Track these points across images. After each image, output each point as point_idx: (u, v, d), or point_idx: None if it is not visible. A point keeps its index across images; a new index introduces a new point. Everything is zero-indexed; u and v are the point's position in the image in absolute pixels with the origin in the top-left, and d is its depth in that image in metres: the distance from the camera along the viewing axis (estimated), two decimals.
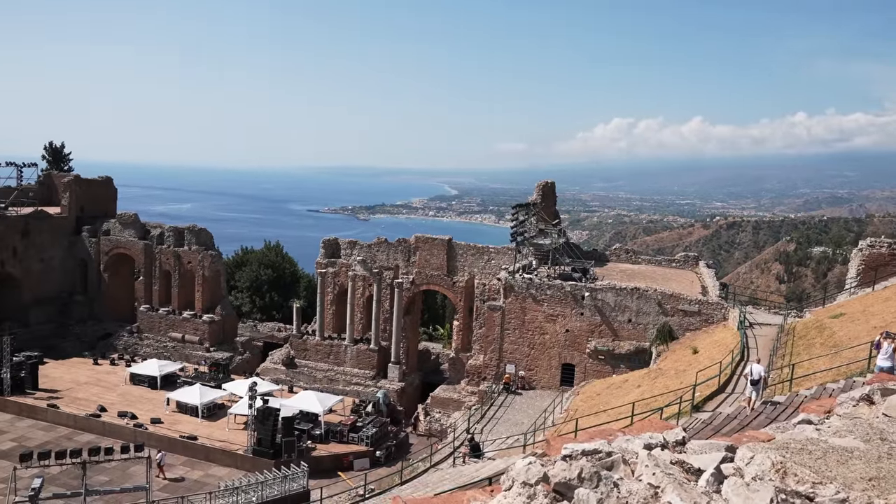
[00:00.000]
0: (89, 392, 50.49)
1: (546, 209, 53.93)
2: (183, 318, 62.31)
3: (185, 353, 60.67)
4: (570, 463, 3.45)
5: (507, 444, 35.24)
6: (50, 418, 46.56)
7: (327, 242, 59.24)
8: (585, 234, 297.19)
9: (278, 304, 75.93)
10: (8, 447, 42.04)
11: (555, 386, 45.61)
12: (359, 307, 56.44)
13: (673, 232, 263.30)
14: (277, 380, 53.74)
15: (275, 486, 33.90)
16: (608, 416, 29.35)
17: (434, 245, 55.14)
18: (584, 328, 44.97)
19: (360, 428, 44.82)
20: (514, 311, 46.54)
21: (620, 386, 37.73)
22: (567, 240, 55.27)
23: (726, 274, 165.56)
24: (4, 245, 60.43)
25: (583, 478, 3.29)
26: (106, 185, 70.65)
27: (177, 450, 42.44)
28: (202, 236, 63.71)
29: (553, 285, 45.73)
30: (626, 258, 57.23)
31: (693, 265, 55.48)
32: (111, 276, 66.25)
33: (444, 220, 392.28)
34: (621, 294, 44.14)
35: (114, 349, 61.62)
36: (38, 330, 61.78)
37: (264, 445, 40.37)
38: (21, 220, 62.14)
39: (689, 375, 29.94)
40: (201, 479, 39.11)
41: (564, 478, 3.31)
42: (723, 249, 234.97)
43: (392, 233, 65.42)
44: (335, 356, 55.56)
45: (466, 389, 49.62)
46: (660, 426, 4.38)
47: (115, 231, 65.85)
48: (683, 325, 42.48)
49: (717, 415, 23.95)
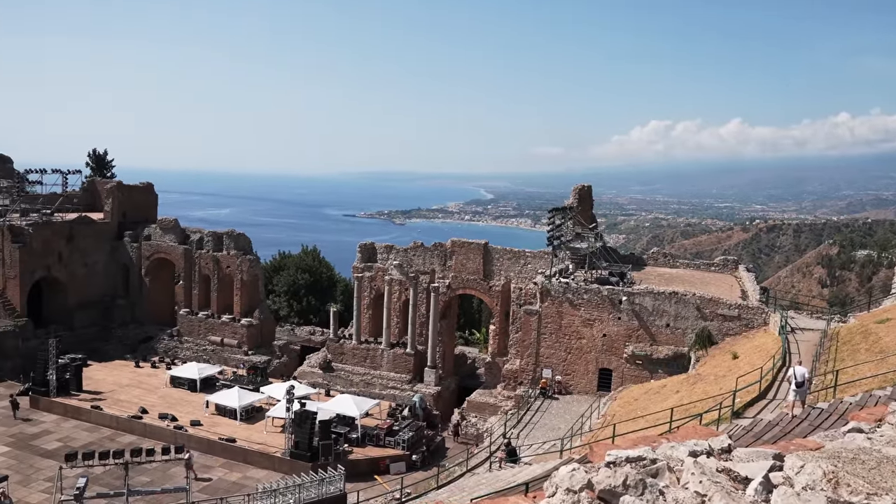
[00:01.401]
0: (131, 394, 51.41)
1: (583, 213, 53.56)
2: (222, 322, 63.11)
3: (224, 356, 61.43)
4: (614, 470, 3.39)
5: (544, 449, 34.99)
6: (94, 419, 47.51)
7: (364, 247, 59.55)
8: (622, 237, 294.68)
9: (315, 308, 76.52)
10: (54, 447, 43.01)
11: (592, 391, 45.22)
12: (395, 311, 56.61)
13: (711, 235, 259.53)
14: (314, 383, 54.12)
15: (312, 489, 34.10)
16: (646, 422, 28.98)
17: (470, 249, 55.10)
18: (622, 333, 44.52)
19: (396, 432, 44.92)
20: (550, 316, 46.26)
21: (658, 391, 37.26)
22: (604, 244, 54.81)
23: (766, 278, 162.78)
24: (50, 250, 61.88)
25: (628, 485, 3.23)
26: (147, 190, 71.97)
27: (216, 452, 42.99)
28: (240, 241, 64.49)
29: (590, 289, 45.36)
30: (664, 262, 56.55)
31: (732, 269, 54.60)
32: (152, 281, 67.41)
33: (479, 224, 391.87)
34: (659, 298, 43.61)
35: (155, 352, 62.67)
36: (82, 333, 63.15)
37: (302, 448, 40.66)
38: (66, 225, 63.57)
39: (729, 381, 29.45)
40: (239, 481, 39.54)
41: (609, 485, 3.25)
42: (763, 253, 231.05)
43: (428, 237, 65.55)
44: (372, 360, 55.78)
45: (503, 394, 49.44)
46: (704, 433, 4.29)
47: (155, 236, 67.01)
48: (723, 330, 41.82)
49: (758, 421, 23.49)
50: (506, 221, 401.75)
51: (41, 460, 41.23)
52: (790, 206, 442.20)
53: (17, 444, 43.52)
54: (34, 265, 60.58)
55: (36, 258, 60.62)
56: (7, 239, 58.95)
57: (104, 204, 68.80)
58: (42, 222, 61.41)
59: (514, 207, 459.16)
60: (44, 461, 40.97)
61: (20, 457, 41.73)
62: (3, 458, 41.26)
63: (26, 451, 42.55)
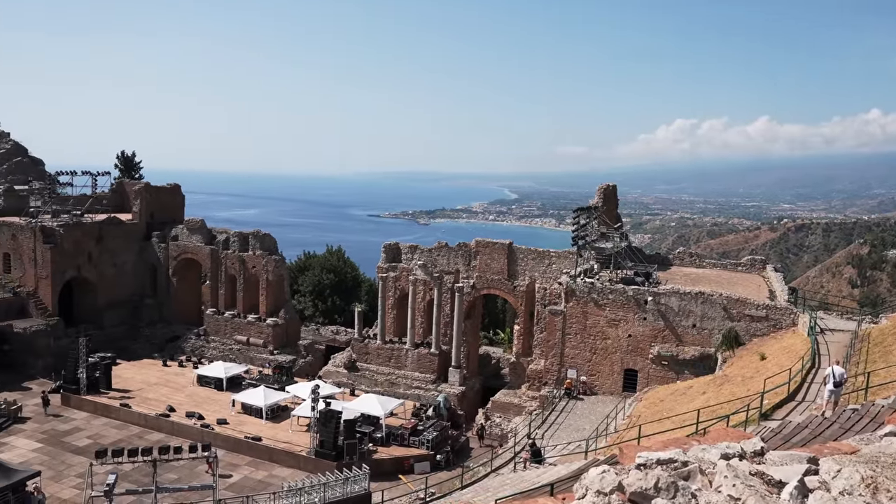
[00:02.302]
0: (159, 392, 52.03)
1: (608, 212, 53.25)
2: (248, 322, 63.62)
3: (250, 355, 61.93)
4: (645, 472, 3.36)
5: (569, 450, 34.85)
6: (122, 417, 48.18)
7: (388, 247, 59.70)
8: (648, 237, 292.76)
9: (340, 308, 76.83)
10: (84, 444, 43.70)
11: (617, 391, 44.95)
12: (419, 311, 56.68)
13: (738, 235, 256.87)
14: (339, 383, 54.36)
15: (337, 488, 34.26)
16: (672, 423, 28.73)
17: (494, 249, 55.01)
18: (647, 333, 44.19)
19: (420, 431, 44.99)
20: (575, 316, 46.05)
21: (685, 392, 36.93)
22: (629, 243, 54.44)
23: (795, 278, 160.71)
24: (81, 251, 62.80)
25: (659, 488, 3.20)
26: (174, 192, 72.74)
27: (241, 450, 43.37)
28: (266, 241, 64.95)
29: (615, 289, 45.09)
30: (690, 262, 56.04)
31: (760, 269, 53.97)
32: (179, 281, 68.13)
33: (504, 223, 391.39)
34: (685, 298, 43.22)
35: (182, 351, 63.36)
36: (111, 332, 64.03)
37: (326, 447, 40.89)
38: (96, 226, 64.48)
39: (757, 382, 29.11)
40: (265, 480, 39.85)
41: (640, 487, 3.22)
42: (791, 253, 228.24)
43: (452, 237, 65.56)
44: (396, 360, 55.91)
45: (527, 394, 49.31)
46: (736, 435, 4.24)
47: (182, 236, 67.72)
48: (750, 331, 41.33)
49: (787, 423, 23.17)
50: (530, 221, 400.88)
51: (72, 457, 41.93)
52: (819, 205, 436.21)
53: (49, 441, 44.31)
54: (65, 265, 61.53)
55: (67, 258, 61.57)
56: (39, 240, 59.94)
57: (132, 205, 69.67)
58: (72, 223, 62.34)
59: (539, 207, 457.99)
60: (75, 457, 41.66)
61: (52, 453, 42.48)
62: (35, 454, 42.03)
63: (58, 448, 43.31)
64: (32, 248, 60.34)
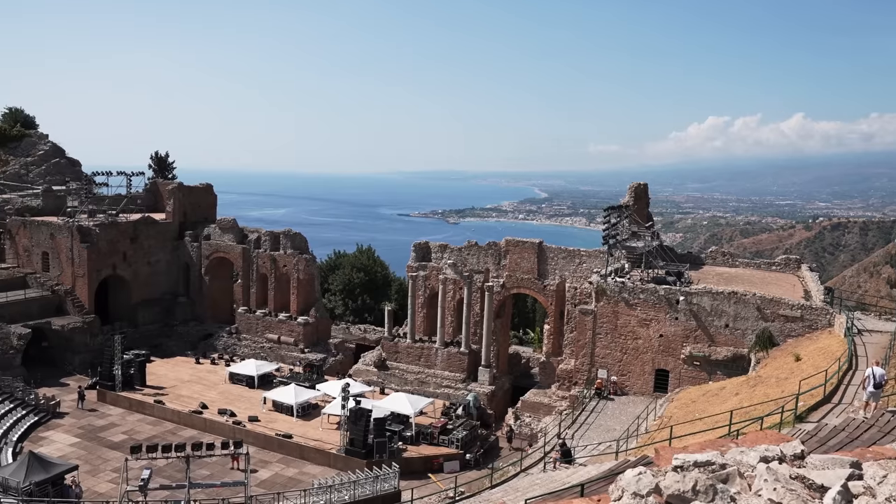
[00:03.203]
0: (192, 389, 52.70)
1: (638, 211, 52.78)
2: (279, 320, 64.15)
3: (281, 353, 62.44)
4: (682, 474, 3.31)
5: (599, 450, 34.62)
6: (156, 413, 48.92)
7: (418, 246, 59.79)
8: (679, 236, 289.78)
9: (370, 306, 77.17)
10: (119, 439, 44.47)
11: (648, 392, 44.55)
12: (449, 310, 56.70)
13: (772, 234, 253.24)
14: (369, 381, 54.59)
15: (366, 486, 34.45)
16: (704, 425, 28.40)
17: (524, 248, 54.83)
18: (679, 333, 43.73)
19: (450, 430, 45.02)
20: (606, 316, 45.73)
21: (717, 393, 36.47)
22: (660, 242, 53.90)
23: (831, 278, 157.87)
24: (116, 250, 63.83)
25: (697, 490, 3.15)
26: (206, 191, 73.56)
27: (272, 447, 43.78)
28: (297, 240, 65.42)
29: (646, 289, 44.68)
30: (723, 261, 55.32)
31: (794, 269, 53.12)
32: (211, 279, 68.90)
33: (533, 223, 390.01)
34: (718, 298, 42.69)
35: (214, 349, 64.10)
36: (145, 330, 65.03)
37: (356, 445, 41.10)
38: (130, 225, 65.49)
39: (792, 384, 28.66)
40: (295, 477, 40.18)
41: (678, 490, 3.17)
42: (827, 252, 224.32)
43: (482, 236, 65.46)
44: (426, 359, 55.99)
45: (557, 394, 49.09)
46: (775, 438, 4.16)
47: (215, 236, 68.47)
48: (785, 331, 40.69)
49: (823, 426, 22.77)
50: (560, 220, 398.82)
51: (108, 451, 42.70)
52: (856, 204, 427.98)
53: (86, 436, 45.17)
54: (101, 264, 62.58)
55: (102, 257, 62.62)
56: (76, 239, 61.04)
57: (166, 204, 70.64)
58: (108, 223, 63.39)
59: (569, 206, 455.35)
60: (111, 452, 42.42)
61: (89, 448, 43.32)
62: (73, 449, 42.90)
63: (94, 443, 44.14)
64: (70, 247, 61.47)
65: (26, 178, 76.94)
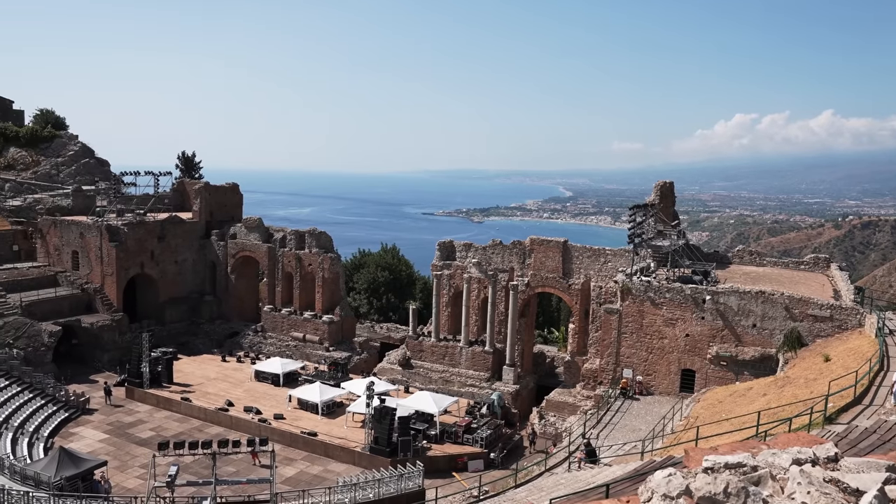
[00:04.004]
0: (218, 387, 53.19)
1: (664, 210, 52.36)
2: (304, 319, 64.52)
3: (306, 352, 62.80)
4: (713, 476, 3.26)
5: (625, 450, 34.41)
6: (183, 410, 49.43)
7: (442, 245, 59.82)
8: (705, 235, 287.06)
9: (395, 305, 77.37)
10: (147, 436, 45.02)
11: (674, 392, 44.19)
12: (474, 309, 56.67)
13: (801, 233, 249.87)
14: (394, 380, 54.73)
15: (391, 484, 34.50)
16: (731, 425, 28.11)
17: (549, 247, 54.64)
18: (705, 333, 43.31)
19: (474, 429, 44.99)
20: (631, 315, 45.43)
21: (744, 394, 36.08)
22: (686, 241, 53.44)
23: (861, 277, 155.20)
24: (144, 248, 64.63)
25: (729, 493, 3.10)
26: (232, 191, 74.18)
27: (297, 445, 44.05)
28: (322, 239, 65.74)
29: (672, 288, 44.32)
30: (750, 260, 54.71)
31: (824, 268, 52.38)
32: (237, 278, 69.48)
33: (558, 221, 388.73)
34: (745, 298, 42.21)
35: (240, 347, 64.63)
36: (172, 328, 65.79)
37: (381, 444, 41.22)
38: (158, 225, 66.25)
39: (821, 385, 28.28)
40: (320, 475, 40.40)
41: (709, 492, 3.13)
42: (857, 251, 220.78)
43: (506, 235, 65.30)
44: (450, 357, 56.01)
45: (582, 394, 48.87)
46: (807, 440, 4.09)
47: (241, 235, 69.02)
48: (813, 332, 40.14)
49: (854, 428, 22.42)
50: (585, 219, 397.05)
51: (136, 448, 43.24)
52: (888, 202, 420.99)
53: (114, 432, 45.78)
54: (129, 263, 63.39)
55: (131, 256, 63.43)
56: (105, 238, 61.87)
57: (193, 204, 71.35)
58: (136, 222, 64.17)
59: (594, 205, 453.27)
60: (139, 449, 42.95)
61: (118, 444, 43.90)
62: (102, 445, 43.50)
63: (123, 439, 44.72)
64: (99, 246, 62.32)
65: (57, 179, 78.20)
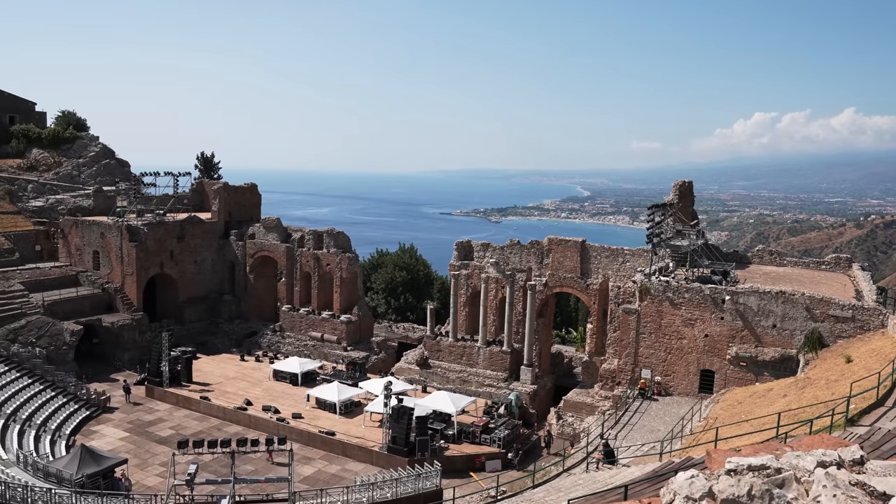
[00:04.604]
0: (236, 386, 53.51)
1: (683, 209, 52.02)
2: (322, 318, 64.74)
3: (324, 351, 63.02)
4: (737, 478, 3.21)
5: (643, 451, 34.23)
6: (202, 409, 49.78)
7: (460, 245, 59.80)
8: (724, 234, 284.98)
9: (412, 305, 77.44)
10: (167, 434, 45.38)
11: (693, 393, 43.89)
12: (491, 309, 56.60)
13: (821, 232, 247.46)
14: (411, 379, 54.79)
15: (408, 484, 34.52)
16: (751, 427, 27.86)
17: (567, 247, 54.45)
18: (725, 333, 42.98)
19: (492, 429, 44.96)
20: (650, 315, 45.17)
21: (764, 395, 35.76)
22: (705, 241, 53.04)
23: (884, 277, 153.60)
24: (163, 248, 65.14)
25: (753, 495, 3.05)
26: (251, 191, 74.59)
27: (315, 444, 44.22)
28: (340, 239, 65.93)
29: (691, 288, 44.02)
30: (770, 260, 54.23)
31: (845, 268, 51.81)
32: (256, 278, 69.84)
33: (576, 221, 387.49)
34: (765, 298, 41.84)
35: (258, 346, 64.98)
36: (191, 327, 66.27)
37: (399, 443, 41.29)
38: (177, 225, 66.75)
39: (842, 386, 27.95)
40: (338, 474, 40.53)
41: (732, 494, 3.09)
42: (879, 251, 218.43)
43: (524, 235, 65.17)
44: (468, 357, 55.99)
45: (600, 394, 48.68)
46: (832, 442, 4.03)
47: (259, 235, 69.37)
48: (835, 332, 39.70)
49: (876, 430, 22.15)
50: (603, 219, 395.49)
51: (156, 446, 43.61)
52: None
53: (134, 430, 46.21)
54: (149, 263, 63.92)
55: (150, 256, 63.96)
56: (125, 238, 62.44)
57: (211, 204, 71.82)
58: (156, 222, 64.70)
59: (612, 204, 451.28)
60: (158, 447, 43.31)
61: (138, 442, 44.30)
62: (122, 443, 43.92)
63: (143, 437, 45.12)
64: (119, 246, 62.90)
65: (78, 179, 79.02)
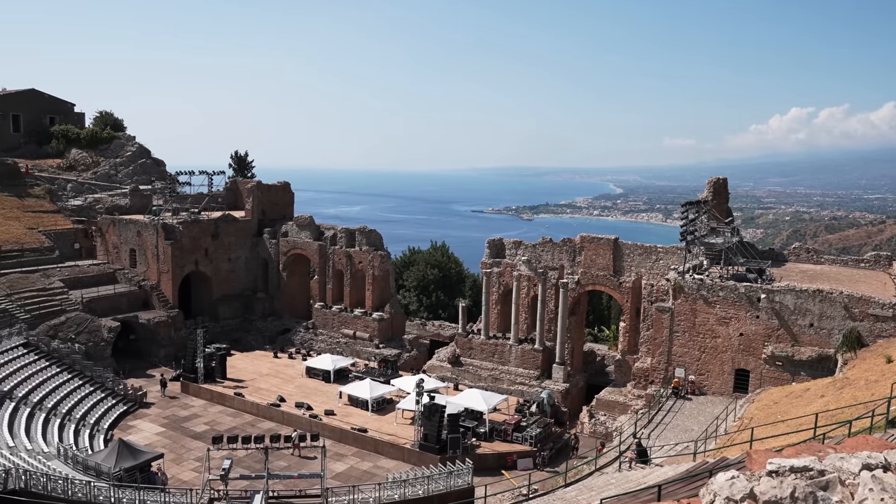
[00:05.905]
0: (270, 383, 54.06)
1: (717, 206, 51.35)
2: (354, 316, 65.10)
3: (356, 348, 63.37)
4: (779, 480, 3.16)
5: (676, 451, 33.88)
6: (237, 405, 50.40)
7: (492, 243, 59.69)
8: (760, 232, 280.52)
9: (444, 303, 77.51)
10: (202, 430, 46.01)
11: (727, 392, 43.34)
12: (523, 307, 56.43)
13: (860, 230, 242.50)
14: (443, 377, 54.85)
15: (440, 481, 34.58)
16: (787, 427, 27.41)
17: (600, 245, 54.06)
18: (760, 332, 42.36)
19: (524, 428, 44.82)
20: (683, 313, 44.69)
21: (801, 395, 35.17)
22: (740, 238, 52.29)
23: None
24: (198, 246, 66.03)
25: (796, 497, 3.00)
26: (284, 189, 75.26)
27: (348, 441, 44.51)
28: (372, 237, 66.23)
29: (726, 286, 43.44)
30: (807, 258, 53.30)
31: (885, 266, 50.72)
32: (289, 275, 70.46)
33: (608, 219, 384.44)
34: (802, 296, 41.14)
35: (291, 344, 65.56)
36: (225, 324, 67.10)
37: (430, 441, 41.36)
38: (211, 223, 67.62)
39: (883, 387, 27.39)
40: (370, 470, 40.74)
41: (774, 496, 3.04)
42: None
43: (556, 232, 64.84)
44: (500, 355, 55.90)
45: (633, 393, 48.29)
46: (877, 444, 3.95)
47: (292, 233, 69.97)
48: (875, 332, 38.91)
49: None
50: (636, 216, 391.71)
51: (191, 441, 44.24)
52: None
53: (170, 426, 46.92)
54: (184, 261, 64.86)
55: (185, 254, 64.89)
56: (161, 236, 63.42)
57: (245, 203, 72.59)
58: (191, 221, 65.61)
59: (645, 202, 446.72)
60: (193, 442, 43.94)
61: (173, 437, 44.99)
62: (158, 438, 44.64)
63: (178, 433, 45.80)
64: (155, 244, 63.90)
65: (115, 179, 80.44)
